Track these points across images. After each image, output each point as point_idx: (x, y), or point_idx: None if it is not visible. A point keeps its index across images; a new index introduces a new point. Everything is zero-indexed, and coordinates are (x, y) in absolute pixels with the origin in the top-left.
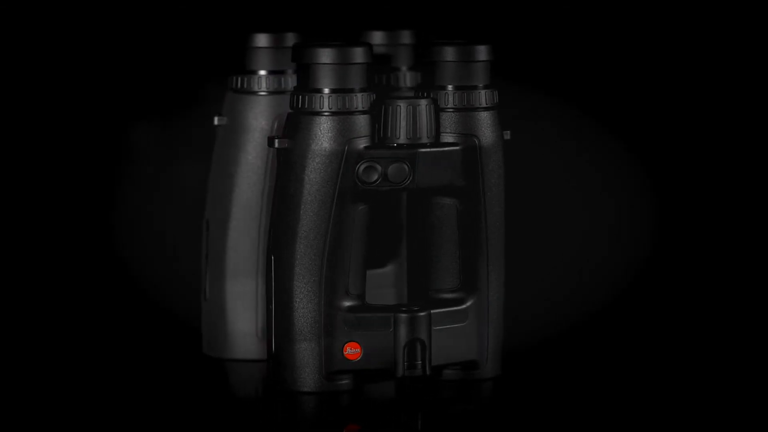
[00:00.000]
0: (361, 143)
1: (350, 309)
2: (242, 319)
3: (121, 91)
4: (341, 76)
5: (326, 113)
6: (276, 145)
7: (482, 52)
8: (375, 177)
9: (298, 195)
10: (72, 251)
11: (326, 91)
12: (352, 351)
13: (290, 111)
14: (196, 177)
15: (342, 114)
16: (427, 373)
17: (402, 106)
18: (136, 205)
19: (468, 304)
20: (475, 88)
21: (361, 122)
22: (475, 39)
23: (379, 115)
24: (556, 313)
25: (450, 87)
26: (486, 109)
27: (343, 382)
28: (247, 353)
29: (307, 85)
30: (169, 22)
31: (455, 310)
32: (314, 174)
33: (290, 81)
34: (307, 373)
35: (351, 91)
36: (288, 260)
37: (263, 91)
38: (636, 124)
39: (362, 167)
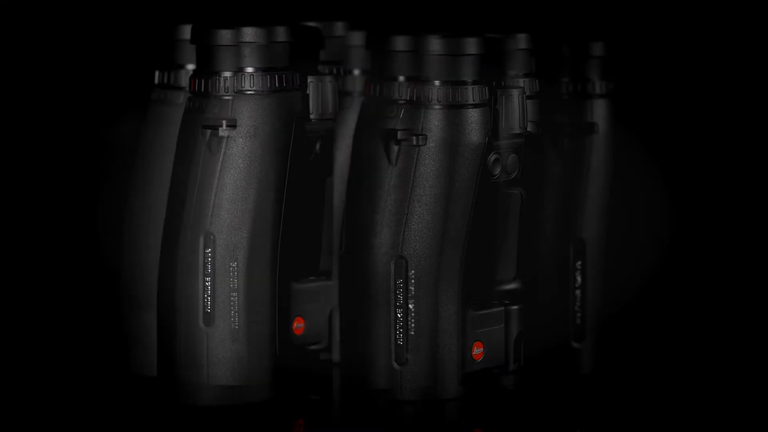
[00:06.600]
0: (487, 135)
1: (473, 307)
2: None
3: (103, 88)
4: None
5: (470, 105)
6: (415, 142)
7: (522, 41)
8: (499, 169)
9: (443, 193)
10: (54, 250)
11: (437, 83)
12: (478, 351)
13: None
14: None
15: (483, 106)
16: (521, 366)
17: (514, 95)
18: (117, 203)
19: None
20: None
21: (489, 114)
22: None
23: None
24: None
25: None
26: (531, 96)
27: (467, 384)
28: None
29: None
30: (153, 16)
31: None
32: (463, 169)
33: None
34: (448, 380)
35: (465, 83)
36: (431, 263)
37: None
38: (654, 123)
39: (492, 159)
